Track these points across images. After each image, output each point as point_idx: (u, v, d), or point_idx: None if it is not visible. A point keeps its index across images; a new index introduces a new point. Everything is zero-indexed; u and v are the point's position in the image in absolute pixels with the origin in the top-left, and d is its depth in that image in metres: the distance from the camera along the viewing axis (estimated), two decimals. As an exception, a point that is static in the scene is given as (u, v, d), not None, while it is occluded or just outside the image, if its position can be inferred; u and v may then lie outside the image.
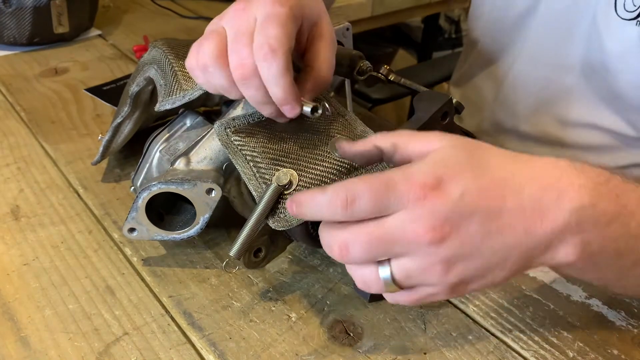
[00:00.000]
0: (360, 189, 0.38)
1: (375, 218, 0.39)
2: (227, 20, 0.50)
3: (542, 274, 0.60)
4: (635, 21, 0.68)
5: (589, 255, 0.40)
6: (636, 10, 0.68)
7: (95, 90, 0.92)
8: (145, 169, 0.62)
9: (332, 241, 0.41)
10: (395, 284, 0.40)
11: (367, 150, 0.43)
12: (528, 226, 0.38)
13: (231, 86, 0.49)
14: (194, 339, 0.53)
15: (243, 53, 0.47)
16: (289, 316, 0.55)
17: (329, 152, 0.50)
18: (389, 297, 0.44)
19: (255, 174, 0.51)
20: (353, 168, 0.50)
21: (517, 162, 0.40)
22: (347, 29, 0.66)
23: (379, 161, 0.44)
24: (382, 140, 0.42)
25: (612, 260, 0.42)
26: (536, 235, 0.38)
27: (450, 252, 0.38)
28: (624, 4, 0.69)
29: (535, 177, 0.39)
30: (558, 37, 0.77)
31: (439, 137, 0.41)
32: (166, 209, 0.60)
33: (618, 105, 0.75)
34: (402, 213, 0.38)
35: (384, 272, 0.40)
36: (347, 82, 0.69)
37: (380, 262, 0.40)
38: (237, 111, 0.59)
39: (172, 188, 0.55)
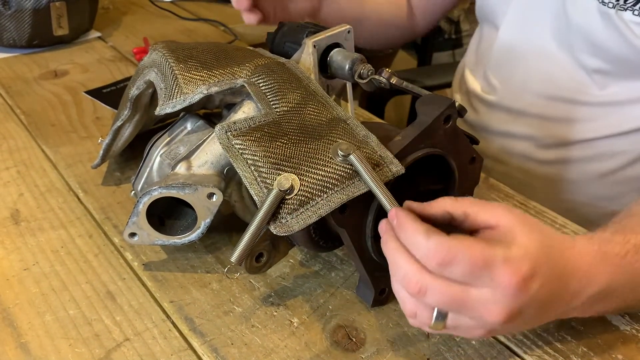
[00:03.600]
0: (461, 256, 0.41)
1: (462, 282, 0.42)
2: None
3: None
4: None
5: (591, 314, 0.50)
6: None
7: (95, 93, 0.91)
8: (145, 174, 0.61)
9: (414, 278, 0.43)
10: (443, 325, 0.44)
11: (438, 214, 0.45)
12: (558, 308, 0.46)
13: None
14: (195, 344, 0.52)
15: None
16: (291, 321, 0.55)
17: (331, 157, 0.50)
18: (416, 322, 0.46)
19: (256, 179, 0.50)
20: (355, 173, 0.49)
21: (567, 249, 0.46)
22: (349, 32, 0.66)
23: (446, 224, 0.46)
24: (454, 208, 0.45)
25: (617, 308, 0.52)
26: (559, 313, 0.48)
27: (502, 329, 0.45)
28: None
29: (578, 267, 0.46)
30: (530, 22, 0.82)
31: (508, 212, 0.45)
32: (167, 214, 0.59)
33: (592, 74, 0.78)
34: (488, 291, 0.42)
35: (440, 315, 0.43)
36: (349, 86, 0.68)
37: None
38: (239, 115, 0.59)
39: (173, 193, 0.55)
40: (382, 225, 0.47)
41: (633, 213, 0.54)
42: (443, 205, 0.45)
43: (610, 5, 0.70)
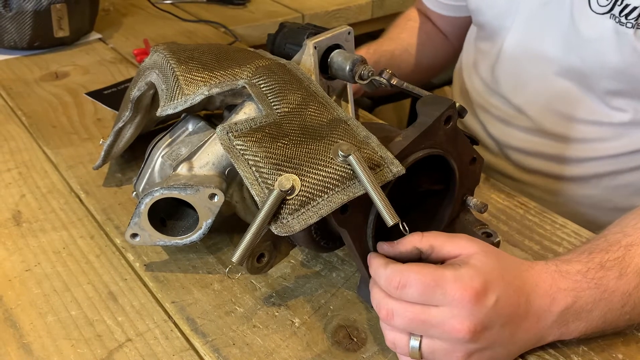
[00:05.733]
0: (412, 278, 0.46)
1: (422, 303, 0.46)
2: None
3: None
4: (609, 15, 0.72)
5: (575, 335, 0.51)
6: (608, 4, 0.72)
7: (96, 94, 0.92)
8: (147, 174, 0.62)
9: (382, 303, 0.48)
10: (419, 354, 0.47)
11: (408, 250, 0.50)
12: (528, 327, 0.49)
13: None
14: (197, 345, 0.53)
15: None
16: (293, 322, 0.55)
17: (332, 158, 0.50)
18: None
19: (257, 179, 0.51)
20: (355, 174, 0.49)
21: (524, 270, 0.50)
22: (349, 33, 0.66)
23: (417, 259, 0.50)
24: (421, 243, 0.49)
25: (601, 328, 0.51)
26: (532, 333, 0.49)
27: (474, 347, 0.46)
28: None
29: (537, 284, 0.49)
30: (538, 34, 0.81)
31: (470, 242, 0.49)
32: (168, 214, 0.60)
33: (603, 96, 0.78)
34: (446, 309, 0.45)
35: (414, 342, 0.47)
36: (349, 87, 0.69)
37: (412, 334, 0.48)
38: (240, 116, 0.59)
39: (175, 193, 0.55)
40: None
41: (605, 234, 0.56)
42: (411, 242, 0.50)
43: (629, 25, 0.70)
